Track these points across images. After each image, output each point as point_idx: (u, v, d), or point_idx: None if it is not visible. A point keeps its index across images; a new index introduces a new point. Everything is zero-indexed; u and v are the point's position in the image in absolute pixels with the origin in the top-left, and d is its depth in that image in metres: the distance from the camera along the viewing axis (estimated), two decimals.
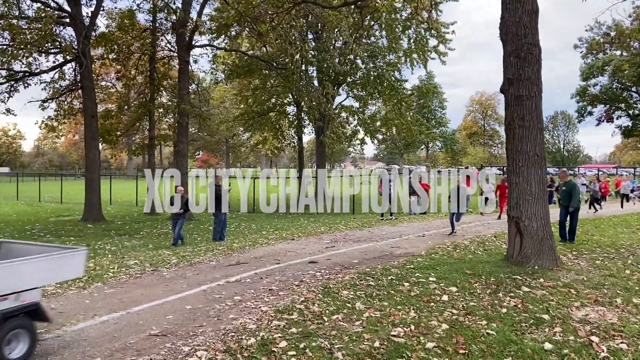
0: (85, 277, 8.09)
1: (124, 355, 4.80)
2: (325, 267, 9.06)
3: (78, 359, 4.72)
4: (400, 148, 65.05)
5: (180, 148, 19.75)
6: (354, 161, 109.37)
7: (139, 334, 5.41)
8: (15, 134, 63.76)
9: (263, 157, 70.52)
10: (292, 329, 5.36)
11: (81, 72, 17.68)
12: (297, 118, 27.70)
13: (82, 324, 5.74)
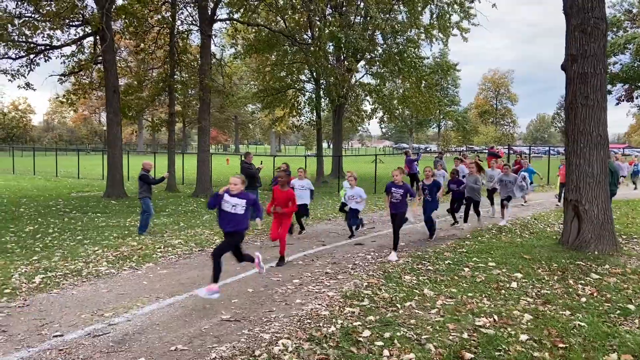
0: (136, 257, 7.92)
1: (204, 341, 4.62)
2: (373, 249, 8.86)
3: (157, 345, 4.54)
4: (410, 127, 64.41)
5: (202, 124, 19.42)
6: (361, 139, 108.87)
7: (211, 318, 5.23)
8: (26, 108, 63.51)
9: (273, 134, 70.09)
10: (370, 316, 5.16)
11: (103, 46, 17.26)
12: (316, 95, 27.24)
13: (148, 307, 5.56)
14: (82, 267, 7.30)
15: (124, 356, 4.29)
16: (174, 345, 4.51)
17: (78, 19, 17.71)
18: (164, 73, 21.83)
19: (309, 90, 28.98)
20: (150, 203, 10.22)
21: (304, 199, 10.13)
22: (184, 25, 21.65)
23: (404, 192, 8.25)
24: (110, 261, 7.66)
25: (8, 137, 60.94)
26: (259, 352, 4.33)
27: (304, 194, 10.09)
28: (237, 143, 79.90)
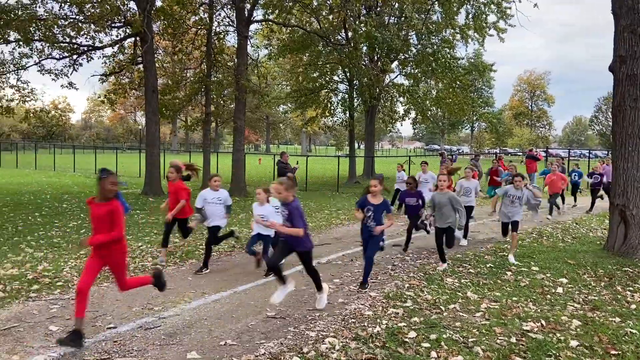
0: (179, 253, 8.11)
1: (252, 337, 4.70)
2: (411, 250, 8.82)
3: (206, 339, 4.64)
4: (442, 128, 63.64)
5: (238, 124, 19.68)
6: (392, 140, 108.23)
7: (256, 315, 5.32)
8: (65, 107, 65.61)
9: (304, 134, 70.37)
10: (414, 318, 5.16)
11: (144, 47, 17.69)
12: (349, 96, 27.25)
13: (195, 303, 5.70)
14: (128, 262, 7.51)
15: (176, 349, 4.41)
16: (223, 340, 4.61)
17: (120, 21, 18.19)
18: (200, 73, 22.20)
19: (342, 91, 28.99)
20: None
21: (216, 218, 7.22)
22: (221, 26, 21.98)
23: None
24: (155, 257, 7.86)
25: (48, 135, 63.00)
26: (307, 349, 4.38)
27: (215, 211, 7.18)
28: (268, 143, 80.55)
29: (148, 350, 4.38)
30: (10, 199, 15.43)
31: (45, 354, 4.26)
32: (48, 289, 6.11)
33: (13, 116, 19.40)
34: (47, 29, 15.96)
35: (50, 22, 15.75)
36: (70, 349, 4.25)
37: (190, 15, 21.41)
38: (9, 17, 14.80)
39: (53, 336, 4.66)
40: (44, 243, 8.77)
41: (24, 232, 9.93)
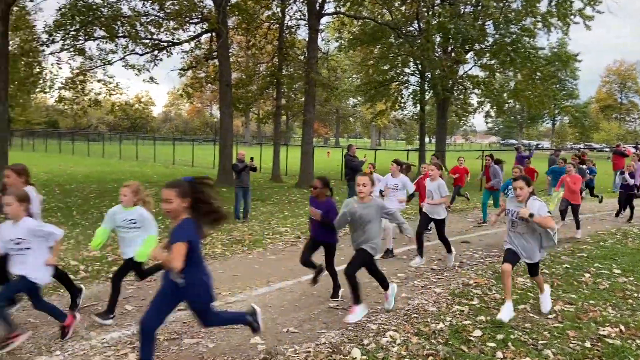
0: (247, 241, 8.35)
1: (313, 326, 4.76)
2: (480, 248, 8.54)
3: (269, 325, 4.74)
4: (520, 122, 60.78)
5: (307, 117, 19.91)
6: (465, 134, 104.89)
7: (319, 305, 5.37)
8: (147, 101, 69.47)
9: (373, 128, 69.92)
10: (480, 316, 4.99)
11: (219, 42, 18.29)
12: (420, 88, 26.70)
13: (260, 290, 5.85)
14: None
15: (240, 333, 4.54)
16: (286, 327, 4.69)
17: (197, 17, 18.91)
18: (272, 67, 22.64)
19: (413, 84, 28.45)
20: (236, 191, 10.55)
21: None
22: (293, 20, 22.26)
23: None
24: (225, 244, 8.15)
25: (132, 126, 66.97)
26: (367, 341, 4.37)
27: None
28: (338, 136, 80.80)
29: (214, 333, 4.55)
30: (96, 187, 16.56)
31: (120, 332, 4.54)
32: None
33: (100, 109, 20.74)
34: (130, 26, 16.88)
35: (133, 20, 16.65)
36: None
37: (263, 10, 21.86)
38: (95, 14, 15.80)
39: (128, 315, 4.96)
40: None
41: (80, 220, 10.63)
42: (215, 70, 21.38)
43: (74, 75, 18.11)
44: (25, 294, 4.49)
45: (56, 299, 5.41)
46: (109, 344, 4.25)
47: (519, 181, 4.98)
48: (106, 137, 44.26)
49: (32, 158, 28.95)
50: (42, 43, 16.85)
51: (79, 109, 19.10)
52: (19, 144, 41.90)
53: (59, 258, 6.88)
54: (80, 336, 4.41)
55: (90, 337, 4.39)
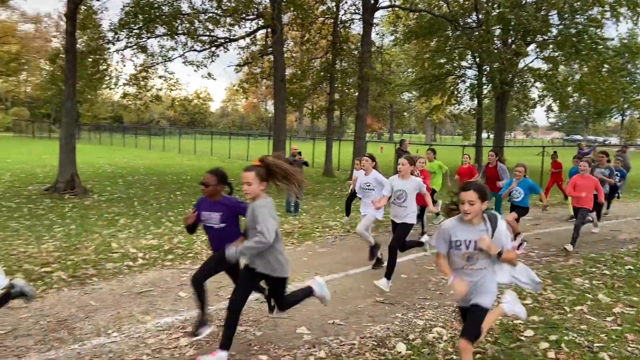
0: (297, 234, 8.46)
1: (359, 319, 4.76)
2: (537, 246, 8.22)
3: (316, 317, 4.80)
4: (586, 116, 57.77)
5: (360, 112, 19.84)
6: (526, 130, 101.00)
7: (365, 298, 5.37)
8: (206, 96, 71.47)
9: (428, 123, 68.65)
10: (533, 316, 4.82)
11: (274, 38, 18.54)
12: (478, 82, 25.94)
13: (308, 282, 5.90)
14: None
15: (287, 323, 4.62)
16: (332, 319, 4.73)
17: (253, 13, 19.25)
18: (326, 62, 22.70)
19: (470, 77, 27.69)
20: None
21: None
22: (347, 14, 22.22)
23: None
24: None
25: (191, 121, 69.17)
26: (413, 336, 4.33)
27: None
28: (392, 131, 79.94)
29: (262, 322, 4.66)
30: (156, 179, 17.25)
31: (173, 317, 4.73)
32: (180, 259, 6.76)
33: (161, 104, 21.52)
34: (189, 23, 17.41)
35: (192, 17, 17.16)
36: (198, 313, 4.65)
37: (318, 5, 21.94)
38: (156, 12, 16.40)
39: (181, 301, 5.16)
40: (182, 219, 9.68)
41: (166, 208, 11.07)
42: (270, 66, 21.68)
43: (137, 71, 18.91)
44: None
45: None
46: (162, 328, 4.44)
47: (469, 192, 3.34)
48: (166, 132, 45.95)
49: (99, 151, 30.52)
50: (108, 41, 17.67)
51: (142, 104, 19.91)
52: (86, 137, 44.26)
53: (119, 245, 7.25)
54: (137, 319, 4.62)
55: (145, 320, 4.60)
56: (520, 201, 7.71)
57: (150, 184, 15.48)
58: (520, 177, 7.70)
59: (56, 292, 5.26)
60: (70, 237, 7.73)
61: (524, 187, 7.66)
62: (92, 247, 7.17)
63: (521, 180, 7.70)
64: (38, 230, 8.15)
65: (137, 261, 6.57)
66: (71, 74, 13.43)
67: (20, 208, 10.22)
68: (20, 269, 5.96)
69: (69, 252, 6.85)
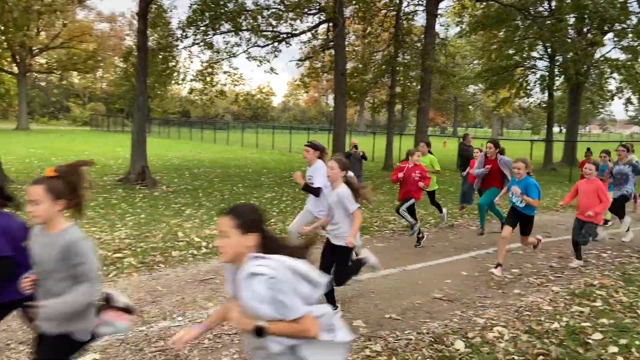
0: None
1: (416, 315, 4.72)
2: (609, 246, 7.77)
3: (372, 310, 4.80)
4: None
5: (422, 106, 19.49)
6: (602, 124, 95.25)
7: (423, 295, 5.30)
8: (268, 91, 72.74)
9: (495, 117, 66.32)
10: (602, 319, 4.58)
11: (335, 32, 18.56)
12: (549, 74, 24.74)
13: (365, 275, 5.90)
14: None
15: (344, 315, 4.64)
16: (388, 314, 4.71)
17: (315, 8, 19.35)
18: (387, 55, 22.46)
19: (541, 68, 26.45)
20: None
21: None
22: (410, 6, 21.87)
23: None
24: None
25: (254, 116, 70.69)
26: (472, 334, 4.23)
27: None
28: (456, 125, 77.92)
29: None
30: (220, 171, 17.80)
31: None
32: None
33: (226, 99, 22.16)
34: (253, 19, 17.77)
35: (255, 13, 17.50)
36: None
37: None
38: (222, 10, 16.87)
39: None
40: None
41: (229, 199, 11.41)
42: (331, 60, 21.74)
43: (203, 68, 19.55)
44: None
45: None
46: None
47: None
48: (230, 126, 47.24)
49: (167, 144, 31.89)
50: (177, 39, 18.39)
51: (207, 99, 20.58)
52: (156, 131, 46.32)
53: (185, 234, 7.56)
54: (200, 305, 4.81)
55: (207, 307, 4.78)
56: (524, 207, 6.07)
57: (214, 177, 16.00)
58: (522, 176, 6.06)
59: (127, 277, 5.58)
60: (140, 226, 8.15)
61: (527, 189, 5.98)
62: (160, 235, 7.53)
63: (522, 179, 6.07)
64: (111, 219, 8.65)
65: (201, 250, 6.82)
66: (143, 71, 14.09)
67: (96, 197, 10.89)
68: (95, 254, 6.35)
69: (139, 239, 7.24)
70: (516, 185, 6.05)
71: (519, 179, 6.10)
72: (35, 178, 2.52)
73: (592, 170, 6.54)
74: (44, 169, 13.33)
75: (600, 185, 6.50)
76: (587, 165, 6.60)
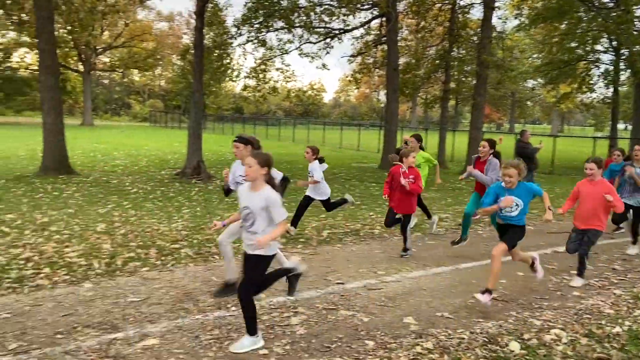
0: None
1: (469, 314, 4.64)
2: None
3: (423, 308, 4.76)
4: None
5: (477, 101, 19.00)
6: None
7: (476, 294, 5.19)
8: (319, 88, 73.10)
9: (555, 112, 63.68)
10: None
11: (388, 26, 18.39)
12: (614, 68, 23.48)
13: (416, 272, 5.86)
14: (359, 228, 8.14)
15: (394, 312, 4.64)
16: (440, 312, 4.65)
17: (368, 3, 19.25)
18: (442, 50, 22.04)
19: (606, 62, 25.15)
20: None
21: None
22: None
23: None
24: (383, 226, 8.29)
25: (305, 112, 71.20)
26: (528, 336, 4.12)
27: None
28: (513, 122, 75.41)
29: (369, 308, 4.72)
30: None
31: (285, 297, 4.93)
32: (293, 244, 7.06)
33: (278, 95, 22.46)
34: (305, 16, 17.90)
35: (308, 10, 17.62)
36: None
37: None
38: (275, 7, 17.09)
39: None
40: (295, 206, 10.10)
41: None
42: (383, 55, 21.57)
43: (256, 65, 19.89)
44: None
45: None
46: (275, 307, 4.68)
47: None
48: (282, 122, 47.75)
49: (221, 140, 32.67)
50: (231, 36, 18.80)
51: (260, 96, 20.93)
52: (211, 127, 47.55)
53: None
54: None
55: (259, 298, 4.88)
56: (515, 217, 4.93)
57: None
58: (513, 184, 4.84)
59: (183, 267, 5.79)
60: (195, 218, 8.43)
61: (522, 195, 4.87)
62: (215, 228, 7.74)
63: (515, 187, 4.87)
64: (169, 211, 8.99)
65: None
66: (199, 68, 14.50)
67: (154, 190, 11.33)
68: (154, 244, 6.63)
69: (195, 231, 7.49)
70: (511, 195, 4.81)
71: (509, 187, 4.86)
72: None
73: (594, 169, 5.44)
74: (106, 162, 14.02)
75: (609, 187, 5.50)
76: (587, 164, 5.51)
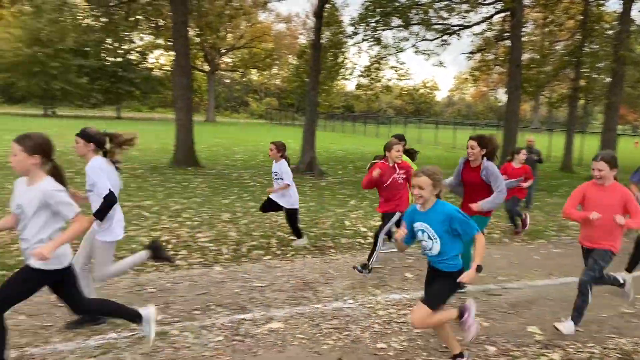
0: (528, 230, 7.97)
1: (601, 329, 4.33)
2: None
3: (548, 318, 4.50)
4: None
5: (612, 101, 17.35)
6: None
7: (610, 308, 4.84)
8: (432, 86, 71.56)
9: None
10: None
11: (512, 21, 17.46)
12: None
13: (540, 281, 5.57)
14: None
15: (516, 320, 4.46)
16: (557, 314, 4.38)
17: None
18: (572, 45, 20.48)
19: None
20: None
21: None
22: None
23: None
24: (504, 230, 7.96)
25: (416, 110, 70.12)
26: None
27: None
28: None
29: (489, 313, 4.58)
30: None
31: (401, 294, 4.97)
32: None
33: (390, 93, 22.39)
34: (424, 13, 17.62)
35: (426, 6, 17.31)
36: None
37: None
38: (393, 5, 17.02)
39: (408, 282, 5.38)
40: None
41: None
42: (505, 52, 20.56)
43: (370, 63, 19.98)
44: None
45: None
46: (391, 303, 4.73)
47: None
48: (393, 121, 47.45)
49: (332, 137, 33.35)
50: (347, 36, 19.07)
51: (372, 95, 21.01)
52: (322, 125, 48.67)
53: (351, 224, 7.86)
54: (368, 292, 5.01)
55: (376, 294, 4.96)
56: (437, 258, 3.45)
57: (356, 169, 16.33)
58: (425, 201, 3.36)
59: (302, 258, 6.05)
60: (310, 213, 8.73)
61: (436, 222, 3.37)
62: (329, 222, 7.98)
63: (429, 207, 3.40)
64: None
65: (367, 239, 7.06)
66: (315, 67, 14.94)
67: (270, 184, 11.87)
68: (274, 236, 7.00)
69: (311, 225, 7.77)
70: (420, 221, 3.43)
71: (420, 205, 3.43)
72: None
73: (604, 170, 4.04)
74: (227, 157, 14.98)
75: (626, 195, 4.07)
76: (595, 162, 4.10)
